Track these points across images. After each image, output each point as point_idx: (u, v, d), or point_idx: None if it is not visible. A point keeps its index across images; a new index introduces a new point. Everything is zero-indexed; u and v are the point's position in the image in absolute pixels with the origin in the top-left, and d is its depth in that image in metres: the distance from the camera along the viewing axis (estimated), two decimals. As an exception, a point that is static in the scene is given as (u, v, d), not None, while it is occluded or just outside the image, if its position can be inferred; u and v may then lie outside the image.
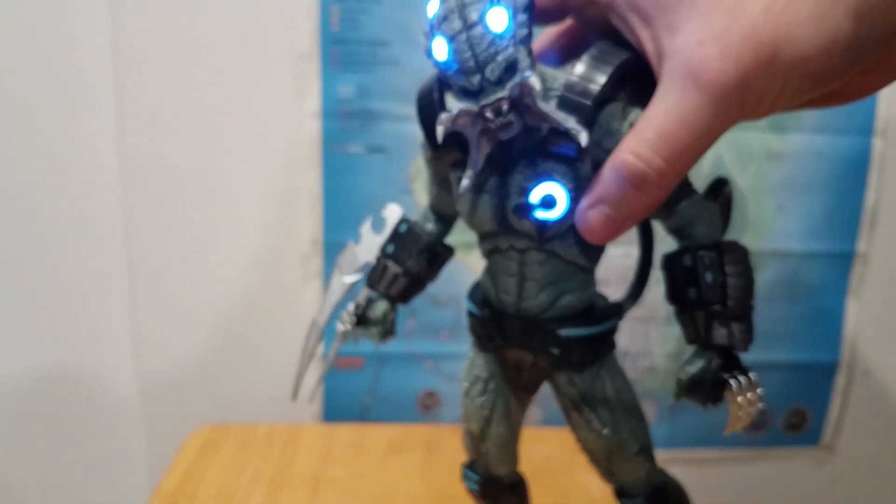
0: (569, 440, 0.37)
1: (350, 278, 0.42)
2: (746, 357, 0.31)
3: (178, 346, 0.71)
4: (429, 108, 0.33)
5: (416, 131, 0.34)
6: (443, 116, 0.28)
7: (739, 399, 0.30)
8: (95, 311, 0.70)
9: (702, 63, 0.24)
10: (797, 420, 0.75)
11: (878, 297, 0.73)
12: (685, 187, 0.31)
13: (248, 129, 0.67)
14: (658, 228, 0.35)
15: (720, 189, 0.33)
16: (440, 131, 0.28)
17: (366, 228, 0.42)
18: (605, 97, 0.29)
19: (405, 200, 0.67)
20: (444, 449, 0.65)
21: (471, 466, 0.41)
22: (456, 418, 0.72)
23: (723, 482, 0.76)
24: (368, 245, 0.41)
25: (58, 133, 0.66)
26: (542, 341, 0.34)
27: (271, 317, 0.71)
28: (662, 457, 0.37)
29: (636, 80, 0.29)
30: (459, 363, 0.39)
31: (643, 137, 0.26)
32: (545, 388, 0.37)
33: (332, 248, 0.68)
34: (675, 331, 0.57)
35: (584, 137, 0.27)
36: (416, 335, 0.71)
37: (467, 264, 0.64)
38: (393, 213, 0.41)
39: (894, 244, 0.71)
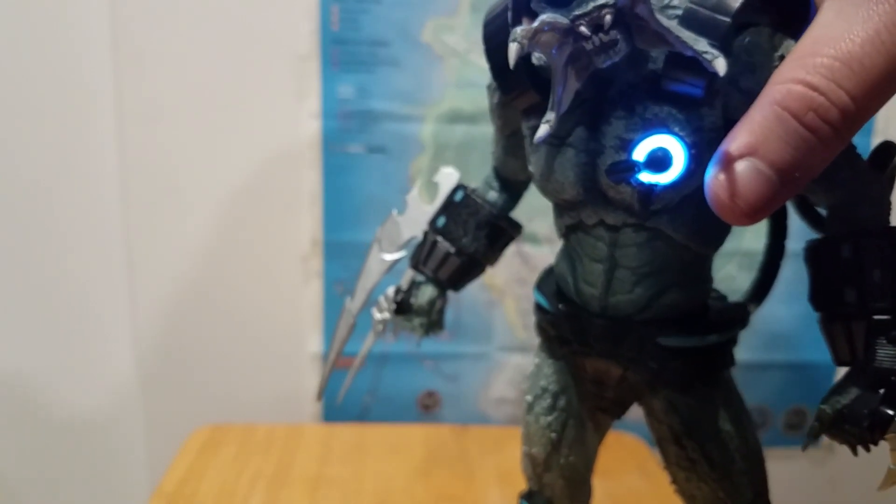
0: None
1: (391, 256, 0.34)
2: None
3: (178, 346, 0.71)
4: (499, 32, 0.24)
5: (416, 131, 0.30)
6: (518, 30, 0.20)
7: None
8: (95, 310, 0.70)
9: None
10: (797, 420, 0.75)
11: (878, 297, 0.72)
12: (850, 148, 0.23)
13: (248, 129, 0.67)
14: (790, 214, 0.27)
15: (889, 157, 0.24)
16: (513, 51, 0.20)
17: (413, 196, 0.33)
18: (746, 19, 0.21)
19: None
20: (444, 449, 0.65)
21: (529, 498, 0.33)
22: (456, 419, 0.72)
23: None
24: (416, 216, 0.33)
25: (58, 133, 0.66)
26: (636, 350, 0.26)
27: (271, 317, 0.71)
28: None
29: (780, 7, 0.22)
30: (459, 363, 0.37)
31: (817, 63, 0.18)
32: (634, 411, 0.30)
33: (332, 248, 0.68)
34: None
35: (721, 64, 0.19)
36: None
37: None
38: (448, 178, 0.32)
39: None
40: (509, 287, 0.69)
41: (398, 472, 0.61)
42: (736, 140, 0.19)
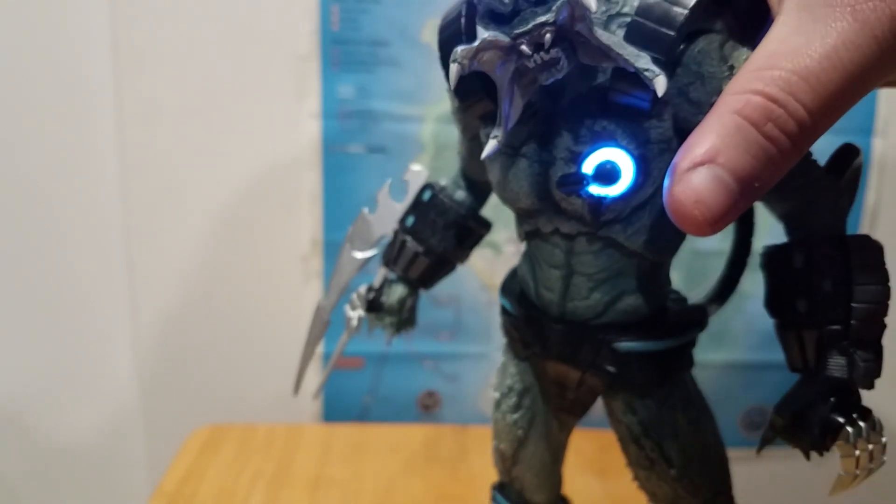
0: (571, 440, 0.34)
1: (362, 254, 0.34)
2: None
3: (179, 346, 0.71)
4: (452, 40, 0.24)
5: (416, 131, 0.30)
6: (459, 50, 0.20)
7: (858, 451, 0.22)
8: (95, 310, 0.70)
9: None
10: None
11: (878, 297, 0.72)
12: (804, 157, 0.22)
13: (248, 129, 0.67)
14: (759, 208, 0.26)
15: (849, 161, 0.24)
16: (454, 71, 0.20)
17: (383, 194, 0.33)
18: (694, 27, 0.21)
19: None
20: (444, 449, 0.65)
21: (501, 489, 0.34)
22: (456, 419, 0.72)
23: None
24: (385, 214, 0.33)
25: (58, 133, 0.66)
26: (593, 355, 0.26)
27: (271, 317, 0.71)
28: None
29: (733, 10, 0.22)
30: (459, 363, 0.37)
31: (775, 75, 0.18)
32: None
33: (332, 248, 0.68)
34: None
35: (661, 83, 0.19)
36: (415, 335, 0.71)
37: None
38: (416, 177, 0.33)
39: (894, 244, 0.71)
40: (509, 287, 0.69)
41: (398, 472, 0.61)
42: (695, 148, 0.19)
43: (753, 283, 0.35)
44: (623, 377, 0.26)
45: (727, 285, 0.31)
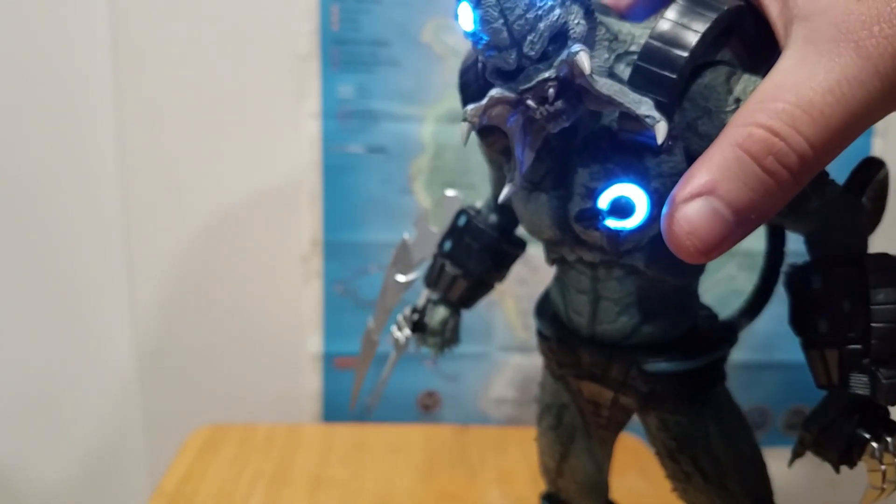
0: None
1: (405, 277, 0.35)
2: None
3: (178, 345, 0.71)
4: (471, 84, 0.25)
5: (416, 131, 0.31)
6: (468, 109, 0.21)
7: (884, 466, 0.22)
8: (95, 310, 0.70)
9: (864, 25, 0.18)
10: (797, 420, 0.75)
11: (878, 297, 0.72)
12: (821, 178, 0.23)
13: (249, 129, 0.67)
14: None
15: (870, 176, 0.24)
16: (464, 129, 0.21)
17: (420, 220, 0.35)
18: (700, 61, 0.21)
19: (405, 201, 0.67)
20: (444, 449, 0.65)
21: (549, 498, 0.34)
22: (456, 419, 0.72)
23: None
24: (425, 238, 0.34)
25: (58, 133, 0.66)
26: (624, 375, 0.26)
27: (271, 317, 0.71)
28: None
29: (740, 36, 0.22)
30: (459, 363, 0.38)
31: (777, 109, 0.19)
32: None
33: (332, 248, 0.68)
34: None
35: (661, 130, 0.20)
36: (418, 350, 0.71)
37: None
38: (451, 203, 0.34)
39: (894, 244, 0.71)
40: (509, 287, 0.69)
41: (398, 472, 0.61)
42: (694, 179, 0.19)
43: (752, 283, 0.35)
44: (655, 396, 0.26)
45: (759, 299, 0.31)
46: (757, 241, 0.32)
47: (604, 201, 0.22)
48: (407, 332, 0.35)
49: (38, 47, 0.64)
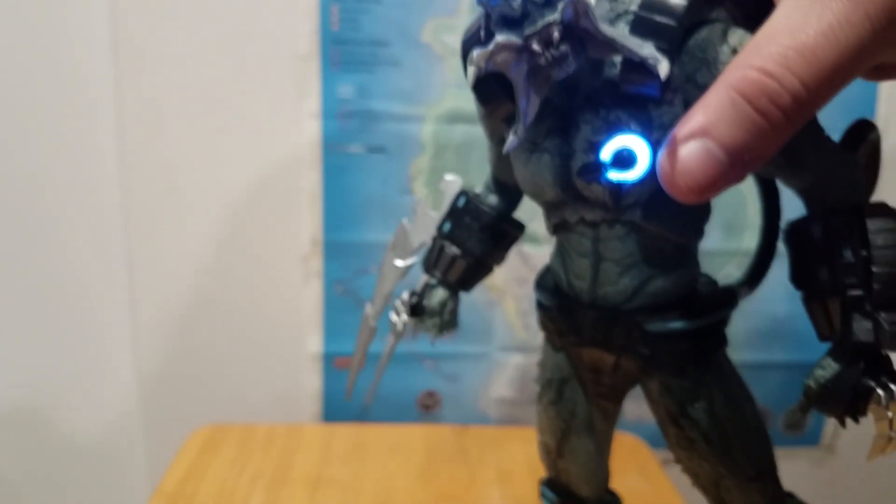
0: None
1: (404, 262, 0.35)
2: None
3: (178, 346, 0.71)
4: (473, 50, 0.25)
5: (416, 131, 0.31)
6: (474, 54, 0.21)
7: (891, 413, 0.22)
8: (95, 310, 0.70)
9: None
10: (793, 418, 0.75)
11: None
12: (816, 132, 0.24)
13: (249, 129, 0.67)
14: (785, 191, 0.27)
15: (863, 135, 0.25)
16: (471, 73, 0.22)
17: (420, 203, 0.36)
18: (696, 18, 0.22)
19: (405, 201, 0.67)
20: (444, 449, 0.65)
21: (549, 483, 0.35)
22: (456, 419, 0.72)
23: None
24: (424, 223, 0.35)
25: (58, 133, 0.66)
26: (626, 338, 0.27)
27: (271, 317, 0.71)
28: (662, 457, 0.34)
29: None
30: (459, 363, 0.38)
31: (771, 51, 0.19)
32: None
33: (332, 248, 0.69)
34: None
35: (663, 68, 0.20)
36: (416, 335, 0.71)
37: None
38: (451, 186, 0.34)
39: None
40: (509, 287, 0.69)
41: (398, 472, 0.61)
42: (690, 121, 0.20)
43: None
44: (656, 358, 0.27)
45: (758, 269, 0.31)
46: (754, 244, 0.32)
47: (606, 153, 0.23)
48: (405, 316, 0.35)
49: (39, 47, 0.64)
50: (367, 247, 0.68)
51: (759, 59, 0.20)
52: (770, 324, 0.71)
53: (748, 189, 0.31)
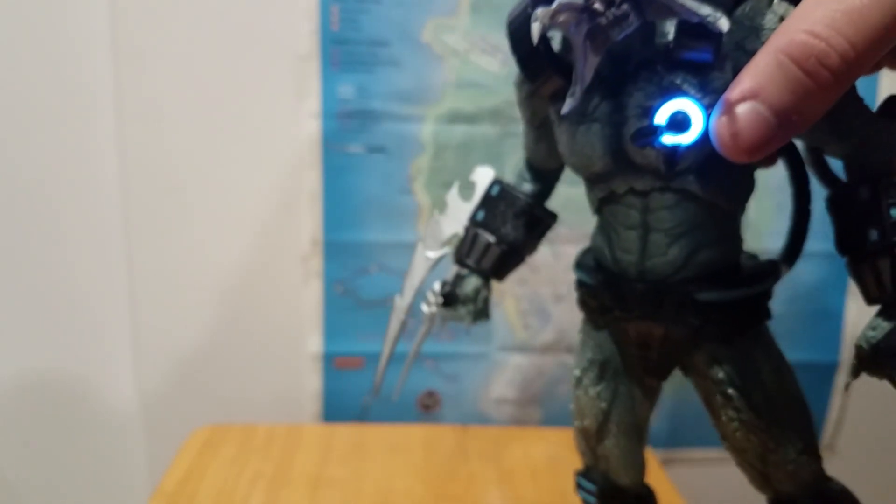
0: (569, 440, 0.35)
1: (434, 253, 0.35)
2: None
3: (178, 346, 0.71)
4: (521, 27, 0.26)
5: (416, 131, 0.31)
6: (539, 11, 0.22)
7: None
8: (95, 310, 0.70)
9: None
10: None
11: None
12: (858, 99, 0.25)
13: (249, 129, 0.67)
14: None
15: None
16: (535, 29, 0.22)
17: (452, 195, 0.35)
18: None
19: (405, 201, 0.67)
20: (444, 449, 0.65)
21: (586, 474, 0.34)
22: (456, 419, 0.72)
23: (723, 482, 0.76)
24: (456, 214, 0.35)
25: (58, 133, 0.66)
26: (676, 308, 0.27)
27: (271, 317, 0.71)
28: (662, 456, 0.34)
29: None
30: (459, 363, 0.38)
31: (818, 14, 0.20)
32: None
33: (332, 248, 0.69)
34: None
35: (724, 23, 0.21)
36: (415, 335, 0.71)
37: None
38: (484, 176, 0.34)
39: None
40: (509, 287, 0.69)
41: (398, 472, 0.61)
42: (740, 84, 0.21)
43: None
44: (707, 328, 0.27)
45: (795, 244, 0.32)
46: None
47: (661, 117, 0.23)
48: (434, 307, 0.35)
49: (39, 47, 0.64)
50: (367, 247, 0.68)
51: (806, 22, 0.20)
52: (770, 323, 0.71)
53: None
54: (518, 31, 0.26)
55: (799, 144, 0.31)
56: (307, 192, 0.67)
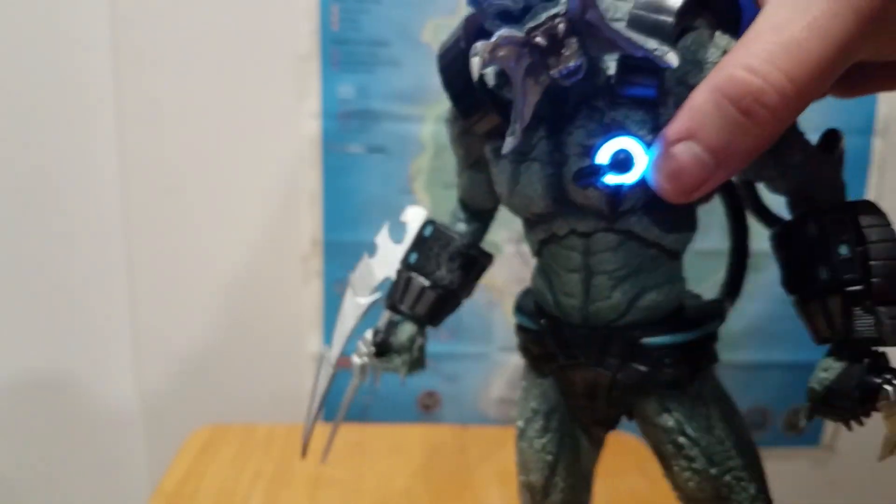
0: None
1: (365, 299, 0.33)
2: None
3: (178, 346, 0.71)
4: (455, 62, 0.25)
5: (416, 131, 0.30)
6: (479, 45, 0.20)
7: None
8: (95, 310, 0.70)
9: None
10: (797, 420, 0.75)
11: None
12: (798, 135, 0.24)
13: (249, 129, 0.67)
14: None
15: (834, 144, 0.25)
16: (476, 64, 0.21)
17: (382, 237, 0.33)
18: (683, 24, 0.22)
19: (405, 200, 0.67)
20: (444, 449, 0.65)
21: None
22: (456, 419, 0.72)
23: None
24: (386, 257, 0.33)
25: (58, 133, 0.66)
26: (623, 354, 0.26)
27: (271, 317, 0.71)
28: None
29: (713, 10, 0.23)
30: (459, 363, 0.38)
31: (757, 49, 0.19)
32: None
33: (332, 248, 0.68)
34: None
35: (672, 58, 0.20)
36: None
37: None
38: (415, 217, 0.33)
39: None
40: (509, 287, 0.69)
41: (398, 472, 0.61)
42: (676, 124, 0.20)
43: (752, 283, 0.35)
44: (655, 374, 0.26)
45: (736, 280, 0.31)
46: (754, 242, 0.32)
47: (603, 156, 0.22)
48: (366, 358, 0.32)
49: (39, 48, 0.64)
50: (367, 247, 0.68)
51: (745, 57, 0.20)
52: (770, 323, 0.71)
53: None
54: (451, 65, 0.25)
55: (735, 180, 0.30)
56: (307, 192, 0.67)
